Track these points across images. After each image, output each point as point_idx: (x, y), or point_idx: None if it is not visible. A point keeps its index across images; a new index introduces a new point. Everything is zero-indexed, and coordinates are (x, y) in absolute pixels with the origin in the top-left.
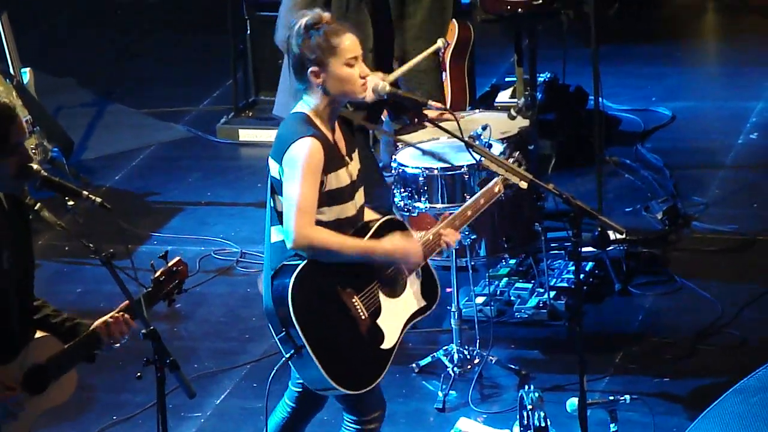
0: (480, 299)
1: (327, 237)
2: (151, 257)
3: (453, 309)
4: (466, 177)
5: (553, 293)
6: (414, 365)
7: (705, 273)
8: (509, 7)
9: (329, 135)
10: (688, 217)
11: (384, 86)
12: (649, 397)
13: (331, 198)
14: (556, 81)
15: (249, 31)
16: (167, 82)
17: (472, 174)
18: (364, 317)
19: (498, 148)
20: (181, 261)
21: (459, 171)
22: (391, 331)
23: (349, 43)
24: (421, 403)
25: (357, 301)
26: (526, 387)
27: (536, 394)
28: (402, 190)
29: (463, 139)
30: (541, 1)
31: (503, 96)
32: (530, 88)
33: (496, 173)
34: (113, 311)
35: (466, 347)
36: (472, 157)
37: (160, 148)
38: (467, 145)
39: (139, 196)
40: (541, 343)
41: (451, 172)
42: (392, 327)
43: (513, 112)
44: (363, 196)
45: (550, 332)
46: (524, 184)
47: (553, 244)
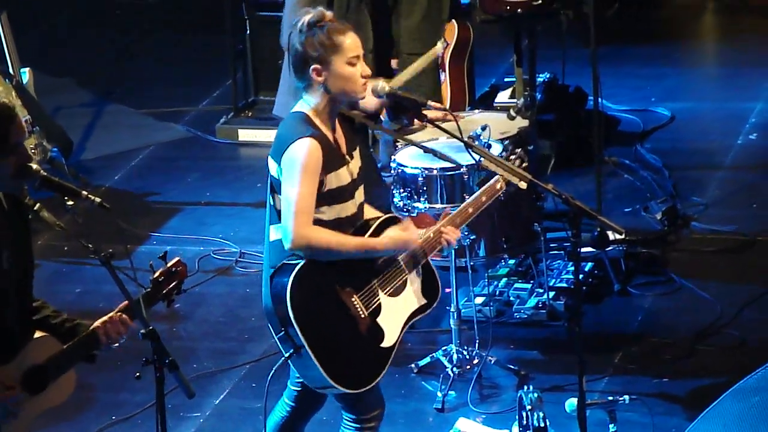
0: (479, 299)
1: (325, 236)
2: (150, 257)
3: (452, 309)
4: (466, 177)
5: (552, 293)
6: (413, 365)
7: (704, 273)
8: (509, 7)
9: (329, 134)
10: (687, 218)
11: (383, 86)
12: (649, 398)
13: (332, 197)
14: (556, 81)
15: (248, 31)
16: (167, 82)
17: (471, 174)
18: (363, 316)
19: (497, 149)
20: (180, 261)
21: (458, 171)
22: (392, 330)
23: (352, 41)
24: (420, 404)
25: (356, 299)
26: (525, 387)
27: (535, 395)
28: (401, 190)
29: (463, 140)
30: (540, 1)
31: (503, 96)
32: (529, 89)
33: (495, 173)
34: (112, 312)
35: (465, 347)
36: (472, 157)
37: (159, 148)
38: (467, 145)
39: (138, 196)
40: (541, 344)
41: (450, 173)
42: (392, 325)
43: (512, 113)
44: (363, 194)
45: (549, 333)
46: (523, 185)
47: (552, 245)
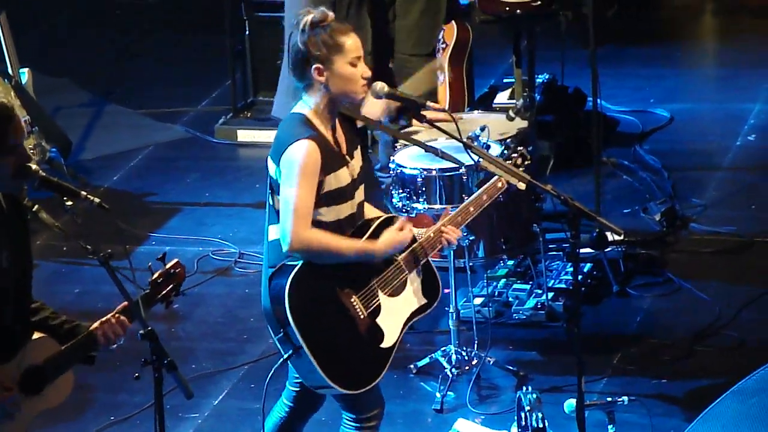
0: (478, 300)
1: (323, 239)
2: (149, 258)
3: (451, 310)
4: (465, 178)
5: (551, 294)
6: (412, 366)
7: (703, 274)
8: (508, 8)
9: (328, 135)
10: (686, 219)
11: (382, 86)
12: (647, 399)
13: (331, 198)
14: (555, 82)
15: (247, 32)
16: (166, 83)
17: (470, 175)
18: (363, 316)
19: (496, 149)
20: (179, 263)
21: (457, 172)
22: (391, 330)
23: (354, 42)
24: (419, 404)
25: (356, 300)
26: (524, 388)
27: (534, 395)
28: (400, 190)
29: (462, 140)
30: (539, 2)
31: (502, 97)
32: (529, 90)
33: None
34: (111, 313)
35: (464, 348)
36: (471, 158)
37: (158, 149)
38: (465, 146)
39: (138, 197)
40: (539, 345)
41: (449, 173)
42: (392, 326)
43: (511, 113)
44: (363, 194)
45: (548, 333)
46: (522, 185)
47: (551, 246)
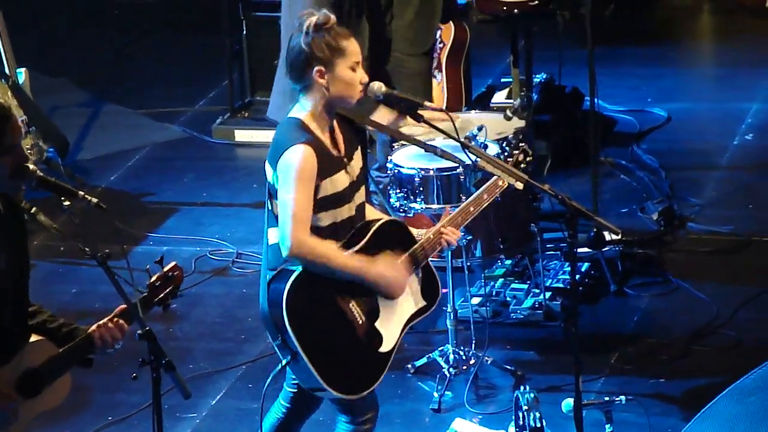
0: (476, 300)
1: (322, 250)
2: (146, 257)
3: (449, 309)
4: (462, 178)
5: (548, 294)
6: (409, 366)
7: (700, 274)
8: (505, 7)
9: (326, 138)
10: (684, 218)
11: (380, 86)
12: (645, 398)
13: (328, 203)
14: (552, 82)
15: (245, 32)
16: (163, 83)
17: (468, 175)
18: (361, 321)
19: (494, 149)
20: (177, 266)
21: (455, 172)
22: (390, 334)
23: (354, 47)
24: (417, 404)
25: (354, 304)
26: (521, 387)
27: (532, 395)
28: (398, 190)
29: (459, 140)
30: (537, 1)
31: (499, 97)
32: (526, 89)
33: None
34: (109, 316)
35: (462, 348)
36: (468, 157)
37: (155, 149)
38: (463, 145)
39: (135, 197)
40: (537, 344)
41: (446, 173)
42: (391, 329)
43: (509, 113)
44: (363, 195)
45: (545, 333)
46: (520, 185)
47: (548, 245)
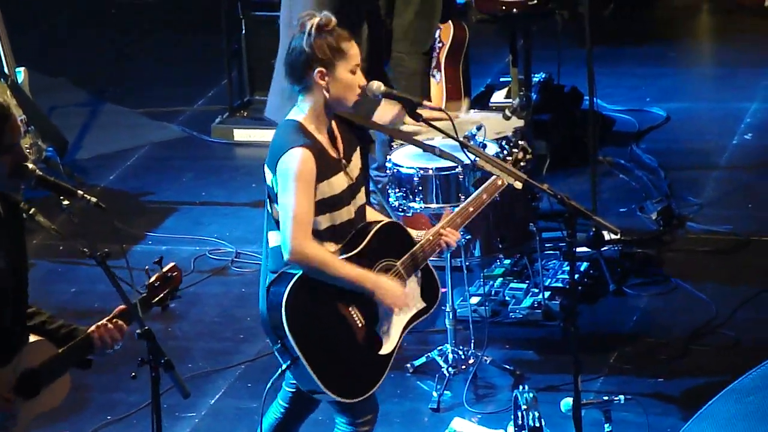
0: (475, 299)
1: (324, 257)
2: (145, 257)
3: (447, 309)
4: (461, 177)
5: (547, 293)
6: (408, 365)
7: (699, 273)
8: (504, 7)
9: (324, 139)
10: (683, 218)
11: (378, 86)
12: (644, 398)
13: (325, 206)
14: (551, 81)
15: (244, 31)
16: (162, 82)
17: (466, 174)
18: (360, 324)
19: (493, 148)
20: (176, 267)
21: (454, 171)
22: (390, 336)
23: (355, 50)
24: (416, 404)
25: (353, 308)
26: (520, 387)
27: (531, 394)
28: (397, 190)
29: (458, 139)
30: (536, 1)
31: (498, 96)
32: (525, 89)
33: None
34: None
35: (461, 347)
36: (467, 157)
37: (154, 148)
38: (462, 145)
39: (134, 196)
40: (536, 344)
41: (445, 172)
42: (390, 332)
43: (508, 113)
44: (364, 197)
45: (544, 332)
46: (519, 185)
47: (547, 245)
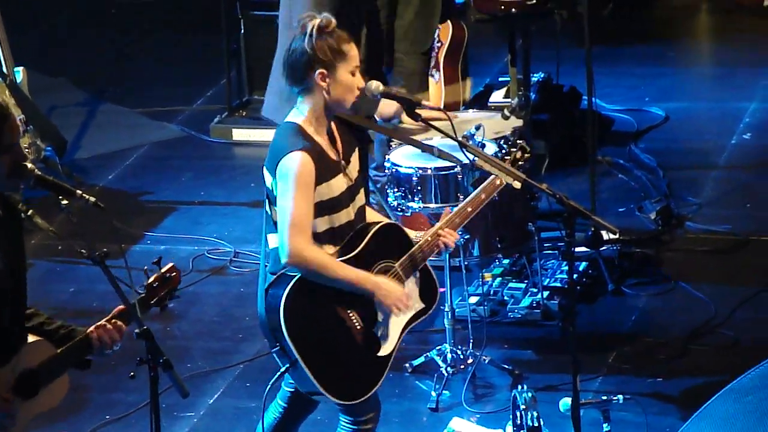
0: (473, 299)
1: (322, 259)
2: (144, 256)
3: (446, 309)
4: (460, 177)
5: (546, 293)
6: (407, 365)
7: (698, 273)
8: (503, 6)
9: (324, 141)
10: (682, 218)
11: (377, 86)
12: (642, 397)
13: (324, 209)
14: (550, 81)
15: (243, 31)
16: (161, 82)
17: (465, 174)
18: (359, 326)
19: (491, 148)
20: (174, 267)
21: (452, 171)
22: (389, 338)
23: (355, 52)
24: (414, 403)
25: (352, 310)
26: (519, 387)
27: (529, 394)
28: (395, 189)
29: (457, 139)
30: (534, 1)
31: (497, 96)
32: (524, 88)
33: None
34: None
35: (460, 347)
36: (466, 156)
37: (153, 148)
38: (461, 144)
39: (133, 196)
40: (535, 343)
41: (444, 172)
42: (389, 334)
43: (506, 112)
44: (363, 197)
45: (543, 332)
46: (517, 184)
47: (546, 244)
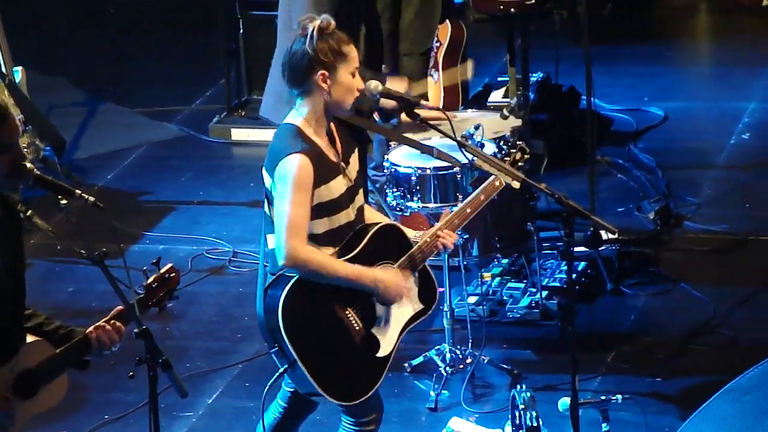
0: (472, 299)
1: (319, 259)
2: (143, 256)
3: (445, 309)
4: (459, 177)
5: (545, 293)
6: (406, 365)
7: (697, 273)
8: (502, 6)
9: (323, 142)
10: (680, 217)
11: (377, 85)
12: (641, 397)
13: (323, 210)
14: (549, 81)
15: (241, 30)
16: (160, 82)
17: (464, 174)
18: (358, 327)
19: (490, 148)
20: (173, 268)
21: (451, 171)
22: (387, 339)
23: (355, 53)
24: (414, 403)
25: (350, 311)
26: (518, 386)
27: (528, 394)
28: (394, 189)
29: (456, 139)
30: (533, 0)
31: (496, 96)
32: (523, 88)
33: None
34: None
35: (459, 347)
36: (465, 156)
37: (152, 148)
38: (460, 144)
39: (132, 196)
40: (534, 343)
41: (443, 172)
42: (388, 334)
43: (505, 112)
44: (362, 198)
45: (542, 332)
46: (516, 184)
47: (545, 244)
